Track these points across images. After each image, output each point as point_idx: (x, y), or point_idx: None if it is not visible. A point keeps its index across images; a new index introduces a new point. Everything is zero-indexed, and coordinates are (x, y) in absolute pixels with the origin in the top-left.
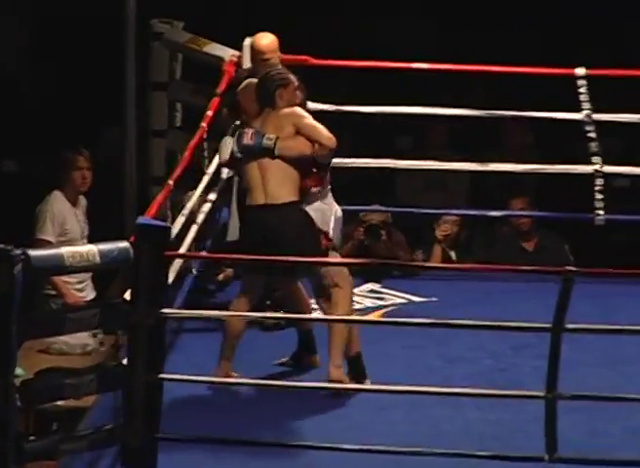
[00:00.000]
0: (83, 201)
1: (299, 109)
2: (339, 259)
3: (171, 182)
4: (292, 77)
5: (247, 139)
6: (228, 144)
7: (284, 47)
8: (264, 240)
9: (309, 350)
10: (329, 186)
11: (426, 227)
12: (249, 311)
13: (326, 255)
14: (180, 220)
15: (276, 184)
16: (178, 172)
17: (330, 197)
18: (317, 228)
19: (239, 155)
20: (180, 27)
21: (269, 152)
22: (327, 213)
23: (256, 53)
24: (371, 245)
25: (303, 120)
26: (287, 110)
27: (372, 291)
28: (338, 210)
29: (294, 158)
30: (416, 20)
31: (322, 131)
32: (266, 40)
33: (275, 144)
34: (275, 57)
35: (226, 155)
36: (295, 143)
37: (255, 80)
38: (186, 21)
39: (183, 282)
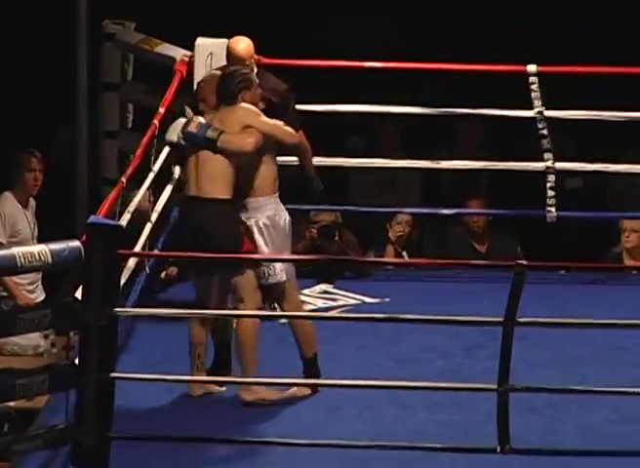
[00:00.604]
0: (32, 202)
1: (253, 108)
2: (292, 256)
3: (124, 180)
4: (255, 77)
5: (192, 128)
6: (178, 126)
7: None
8: (188, 233)
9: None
10: (277, 193)
11: (378, 228)
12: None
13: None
14: (126, 218)
15: (209, 179)
16: (130, 170)
17: (278, 203)
18: (241, 232)
19: (182, 142)
20: (132, 28)
21: (212, 144)
22: (279, 222)
23: (234, 59)
24: (323, 245)
25: (259, 118)
26: (243, 108)
27: (324, 291)
28: (286, 217)
29: (234, 153)
30: (368, 19)
31: (279, 128)
32: (244, 44)
33: (219, 137)
34: (253, 60)
35: (174, 136)
36: (237, 138)
37: (218, 72)
38: (138, 22)
39: (137, 280)
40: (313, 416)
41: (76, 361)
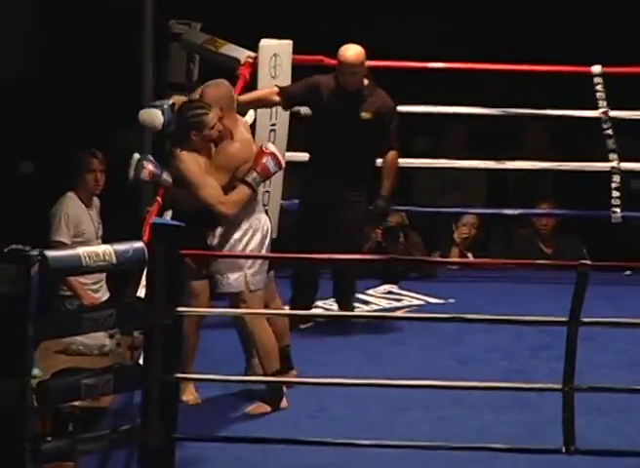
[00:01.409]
0: (96, 202)
1: (191, 165)
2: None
3: (169, 179)
4: (207, 118)
5: (145, 175)
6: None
7: (298, 47)
8: None
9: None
10: (257, 197)
11: (443, 229)
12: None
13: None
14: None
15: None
16: None
17: (258, 211)
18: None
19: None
20: (197, 28)
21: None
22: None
23: (345, 66)
24: (388, 247)
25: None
26: (182, 164)
27: (389, 292)
28: (266, 224)
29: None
30: (430, 20)
31: (209, 196)
32: (353, 52)
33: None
34: (363, 69)
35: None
36: (183, 197)
37: (224, 82)
38: (204, 22)
39: None
40: (377, 417)
41: (141, 361)
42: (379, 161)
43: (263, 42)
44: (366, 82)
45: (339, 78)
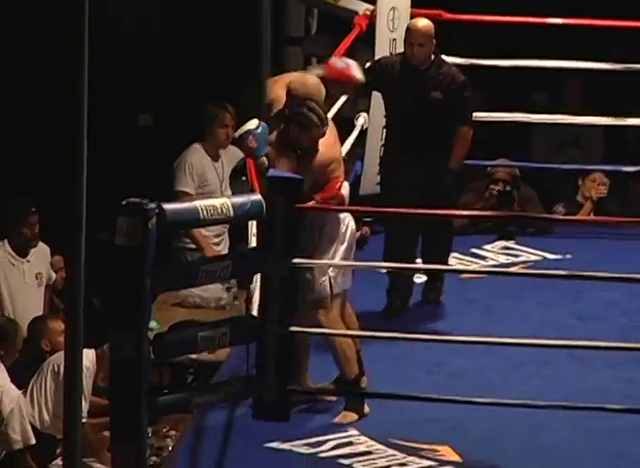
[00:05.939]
0: (228, 154)
1: None
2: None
3: None
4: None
5: (245, 146)
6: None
7: (416, 1)
8: None
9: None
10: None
11: (564, 183)
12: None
13: None
14: None
15: None
16: None
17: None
18: None
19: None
20: None
21: None
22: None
23: (413, 36)
24: (502, 207)
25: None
26: None
27: (505, 247)
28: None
29: None
30: None
31: None
32: (424, 23)
33: None
34: (431, 43)
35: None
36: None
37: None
38: None
39: None
40: (494, 372)
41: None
42: None
43: None
44: (433, 58)
45: (405, 55)
